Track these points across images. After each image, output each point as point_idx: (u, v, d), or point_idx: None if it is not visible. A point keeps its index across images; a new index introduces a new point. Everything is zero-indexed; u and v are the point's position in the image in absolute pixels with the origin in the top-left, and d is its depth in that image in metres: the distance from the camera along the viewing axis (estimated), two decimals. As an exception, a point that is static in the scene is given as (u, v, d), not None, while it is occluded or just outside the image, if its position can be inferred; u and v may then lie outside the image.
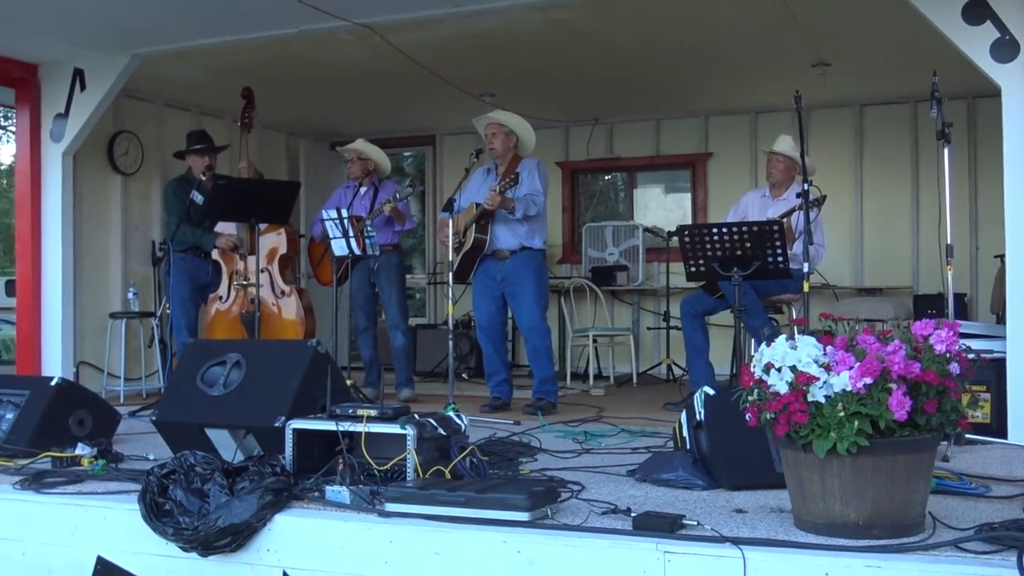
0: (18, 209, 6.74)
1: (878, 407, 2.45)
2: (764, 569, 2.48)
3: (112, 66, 6.37)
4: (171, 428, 3.86)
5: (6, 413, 4.32)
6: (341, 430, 3.30)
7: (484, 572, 2.75)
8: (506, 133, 5.81)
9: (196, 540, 3.02)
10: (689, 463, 3.36)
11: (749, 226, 4.71)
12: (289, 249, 6.52)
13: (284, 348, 4.02)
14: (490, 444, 4.11)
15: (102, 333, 6.98)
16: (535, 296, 5.70)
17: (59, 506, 3.39)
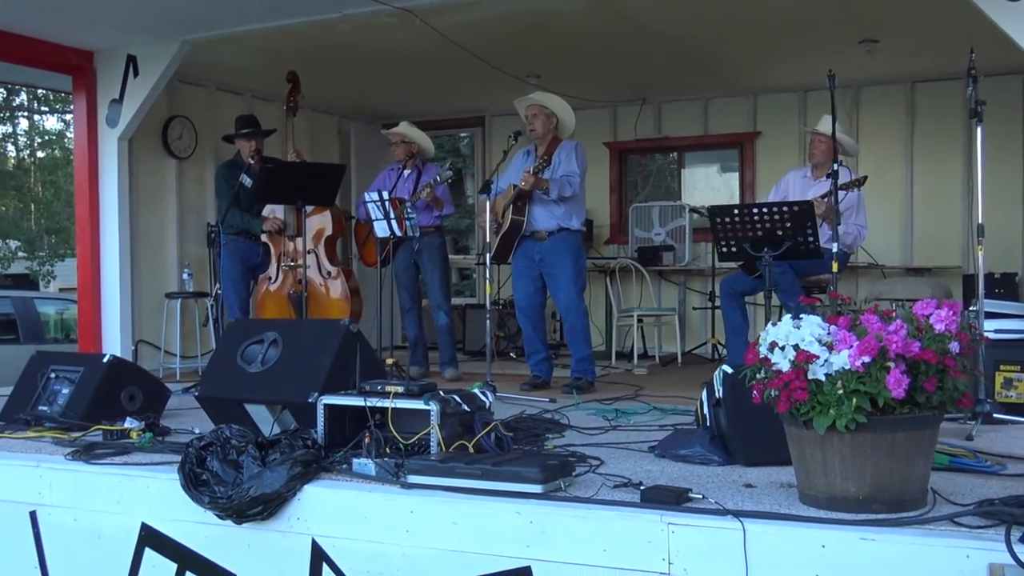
0: (77, 193, 7.02)
1: (876, 385, 2.50)
2: (763, 541, 2.56)
3: (163, 52, 6.58)
4: (213, 403, 4.04)
5: (62, 388, 4.56)
6: (369, 405, 3.44)
7: (498, 541, 2.87)
8: (547, 115, 5.88)
9: (230, 508, 3.18)
10: (706, 440, 3.43)
11: (779, 207, 4.73)
12: (335, 231, 6.68)
13: (318, 327, 4.17)
14: (518, 421, 4.21)
15: (159, 313, 7.24)
16: (573, 276, 5.78)
17: (107, 476, 3.58)
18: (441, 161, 9.37)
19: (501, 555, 2.87)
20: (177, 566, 3.39)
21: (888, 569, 2.42)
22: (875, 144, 8.14)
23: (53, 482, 3.65)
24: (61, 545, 3.63)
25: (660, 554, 2.66)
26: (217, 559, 3.32)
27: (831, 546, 2.49)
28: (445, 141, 14.28)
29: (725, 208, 4.95)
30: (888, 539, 2.45)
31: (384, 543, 3.05)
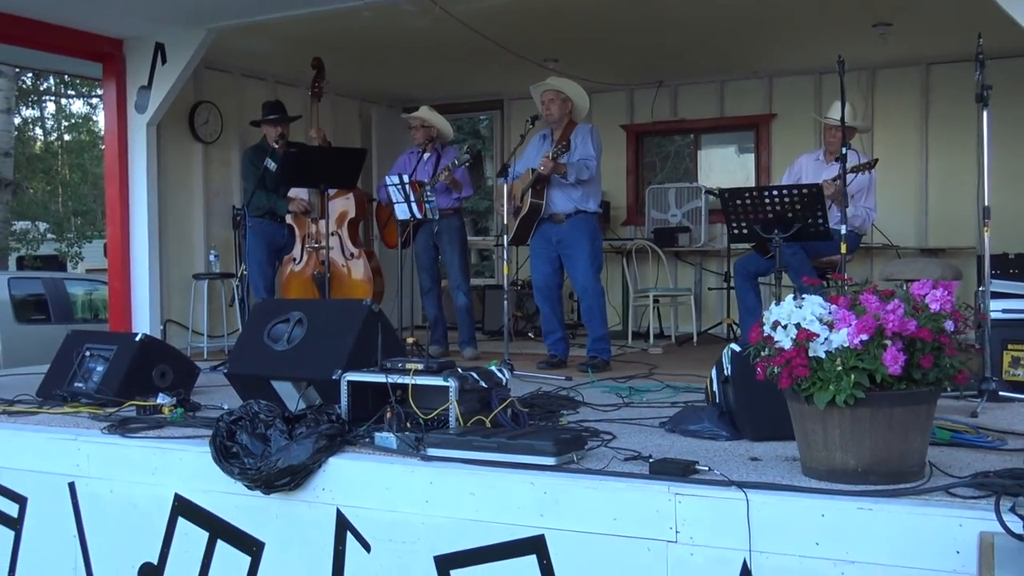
0: (107, 177, 7.20)
1: (874, 362, 2.62)
2: (765, 510, 2.69)
3: (189, 40, 6.73)
4: (241, 380, 4.21)
5: (97, 366, 4.74)
6: (390, 382, 3.59)
7: (513, 510, 3.01)
8: (562, 100, 6.00)
9: (259, 479, 3.34)
10: (715, 415, 3.56)
11: (789, 190, 4.83)
12: (358, 213, 6.84)
13: (342, 307, 4.32)
14: (534, 397, 4.35)
15: (186, 293, 7.42)
16: (589, 258, 5.90)
17: (141, 449, 3.75)
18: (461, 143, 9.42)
19: (516, 524, 3.01)
20: (208, 534, 3.56)
21: (884, 537, 2.55)
22: (890, 126, 8.20)
23: (90, 455, 3.83)
24: (98, 515, 3.80)
25: (668, 523, 2.80)
26: (246, 528, 3.48)
27: (830, 515, 2.62)
28: (465, 123, 14.37)
29: (737, 191, 5.06)
30: (885, 509, 2.57)
31: (405, 512, 3.20)
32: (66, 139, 24.71)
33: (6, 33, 6.54)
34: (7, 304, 9.80)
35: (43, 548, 3.93)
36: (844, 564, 2.59)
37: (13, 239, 18.90)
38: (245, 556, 3.48)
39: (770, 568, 2.68)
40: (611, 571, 2.88)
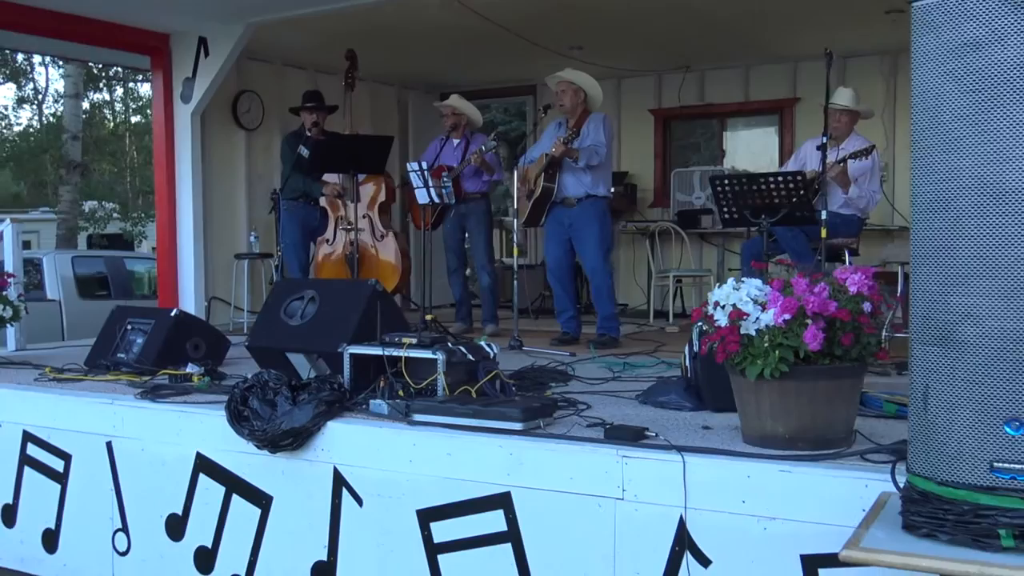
0: (155, 163, 7.68)
1: (796, 339, 2.91)
2: (699, 471, 3.00)
3: (229, 34, 7.15)
4: (260, 352, 4.62)
5: (137, 339, 5.19)
6: (386, 354, 3.95)
7: (484, 469, 3.36)
8: (574, 90, 6.29)
9: (266, 440, 3.74)
10: (682, 388, 3.86)
11: (775, 176, 5.07)
12: (387, 197, 7.22)
13: (349, 286, 4.69)
14: (528, 371, 4.68)
15: (229, 272, 7.89)
16: (598, 241, 6.20)
17: (168, 412, 4.18)
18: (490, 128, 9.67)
19: (487, 482, 3.35)
20: (225, 489, 3.97)
21: (800, 495, 2.84)
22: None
23: (125, 417, 4.27)
24: (131, 471, 4.24)
25: (616, 482, 3.12)
26: (257, 483, 3.88)
27: (755, 476, 2.92)
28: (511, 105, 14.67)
29: (725, 177, 5.31)
30: (802, 471, 2.87)
31: (392, 471, 3.56)
32: (133, 121, 25.56)
33: (65, 30, 7.05)
34: (71, 281, 10.42)
35: (85, 500, 4.38)
36: (766, 520, 2.89)
37: (82, 219, 19.72)
38: (256, 508, 3.88)
39: (703, 523, 2.99)
40: (567, 525, 3.21)
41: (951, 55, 2.19)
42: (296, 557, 3.78)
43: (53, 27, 6.95)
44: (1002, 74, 2.12)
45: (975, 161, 2.16)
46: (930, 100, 2.24)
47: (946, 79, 2.20)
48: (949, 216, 2.21)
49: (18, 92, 28.92)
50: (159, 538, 4.14)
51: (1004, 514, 2.17)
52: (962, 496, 2.22)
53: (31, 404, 4.57)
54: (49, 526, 4.49)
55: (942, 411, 2.25)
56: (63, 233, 17.45)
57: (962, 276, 2.20)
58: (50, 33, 7.11)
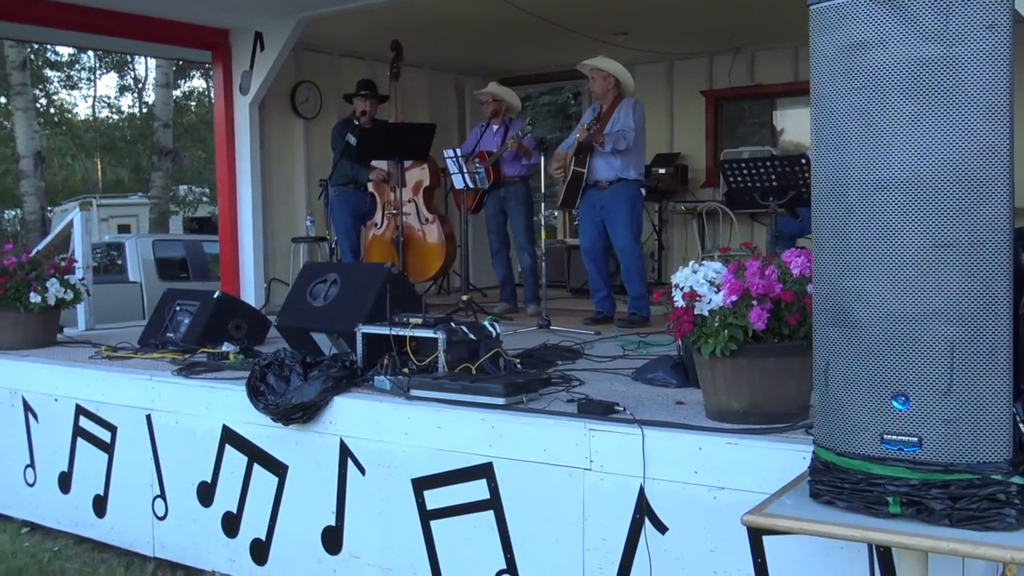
0: (217, 152, 8.10)
1: (743, 319, 3.07)
2: (657, 444, 3.19)
3: (283, 28, 7.50)
4: (288, 331, 4.94)
5: (184, 319, 5.57)
6: (393, 334, 4.22)
7: (469, 440, 3.60)
8: (603, 77, 6.44)
9: (278, 413, 4.05)
10: (669, 366, 4.03)
11: (780, 160, 5.15)
12: (432, 182, 7.49)
13: (368, 270, 4.98)
14: (538, 349, 4.90)
15: (287, 255, 8.29)
16: (628, 223, 6.36)
17: (199, 388, 4.53)
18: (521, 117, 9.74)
19: (471, 452, 3.60)
20: (247, 459, 4.30)
21: (745, 466, 3.01)
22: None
23: (162, 392, 4.64)
24: (168, 442, 4.62)
25: (584, 453, 3.33)
26: (275, 453, 4.20)
27: (705, 448, 3.10)
28: (570, 86, 14.79)
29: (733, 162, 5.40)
30: (748, 443, 3.03)
31: (390, 442, 3.83)
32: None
33: (135, 30, 7.50)
34: (151, 264, 11.01)
35: (129, 468, 4.78)
36: (716, 490, 3.06)
37: (173, 203, 20.60)
38: (274, 477, 4.21)
39: (660, 492, 3.18)
40: (541, 493, 3.43)
41: (841, 55, 2.34)
42: (308, 522, 4.09)
43: (122, 28, 7.41)
44: (884, 74, 2.26)
45: (862, 154, 2.30)
46: (824, 97, 2.39)
47: (837, 77, 2.35)
48: (842, 205, 2.36)
49: (120, 81, 30.25)
50: (192, 504, 4.50)
51: (892, 483, 2.32)
52: (857, 466, 2.37)
53: (83, 380, 4.99)
54: (99, 492, 4.90)
55: (840, 387, 2.40)
56: (155, 217, 18.28)
57: (854, 261, 2.35)
58: (120, 33, 7.58)
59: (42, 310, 5.69)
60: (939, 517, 2.26)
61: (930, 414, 2.27)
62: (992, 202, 2.20)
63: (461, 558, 3.64)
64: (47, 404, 5.16)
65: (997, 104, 2.19)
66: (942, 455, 2.26)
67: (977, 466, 2.24)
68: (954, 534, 2.22)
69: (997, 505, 2.23)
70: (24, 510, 5.38)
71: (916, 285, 2.26)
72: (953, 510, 2.25)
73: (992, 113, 2.19)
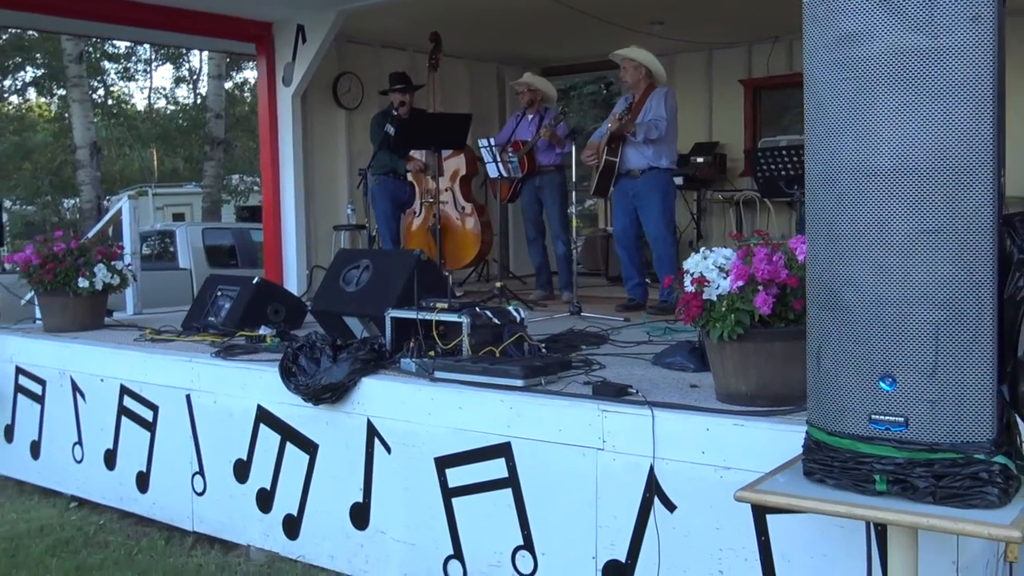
0: (261, 143, 8.31)
1: (749, 304, 3.15)
2: (666, 425, 3.28)
3: (324, 21, 7.67)
4: (322, 316, 5.11)
5: (225, 304, 5.78)
6: (419, 318, 4.36)
7: (489, 421, 3.73)
8: (634, 67, 6.52)
9: (308, 393, 4.21)
10: (687, 351, 4.12)
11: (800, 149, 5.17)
12: (469, 171, 7.62)
13: (398, 256, 5.12)
14: (564, 334, 5.01)
15: (329, 242, 8.48)
16: (660, 211, 6.43)
17: (235, 369, 4.72)
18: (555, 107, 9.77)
19: (490, 432, 3.73)
20: (280, 437, 4.47)
21: (750, 447, 3.09)
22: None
23: (200, 373, 4.83)
24: (206, 420, 4.81)
25: (597, 433, 3.44)
26: (306, 432, 4.37)
27: (712, 429, 3.19)
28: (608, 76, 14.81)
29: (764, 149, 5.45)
30: (752, 424, 3.12)
31: (414, 422, 3.98)
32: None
33: (182, 25, 7.73)
34: (201, 251, 11.29)
35: (170, 446, 4.99)
36: (722, 469, 3.15)
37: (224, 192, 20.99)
38: (305, 455, 4.38)
39: (669, 472, 3.28)
40: (557, 471, 3.55)
41: (832, 46, 2.41)
42: (338, 498, 4.25)
43: (170, 22, 7.63)
44: (873, 65, 2.33)
45: (852, 143, 2.37)
46: (816, 87, 2.46)
47: (828, 68, 2.42)
48: (833, 193, 2.43)
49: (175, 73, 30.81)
50: (228, 480, 4.69)
51: (879, 461, 2.39)
52: (846, 445, 2.45)
53: (127, 361, 5.21)
54: (141, 469, 5.12)
55: (831, 368, 2.48)
56: (208, 206, 18.66)
57: (844, 247, 2.42)
58: (168, 28, 7.81)
59: (90, 294, 5.93)
60: (923, 495, 2.33)
61: (916, 395, 2.33)
62: (976, 190, 2.26)
63: (481, 534, 3.78)
64: (93, 384, 5.39)
65: (981, 94, 2.24)
66: (927, 435, 2.33)
67: (960, 446, 2.31)
68: (936, 511, 2.30)
69: (980, 484, 2.30)
70: (72, 486, 5.62)
71: (902, 270, 2.32)
72: (937, 488, 2.32)
73: (976, 103, 2.25)
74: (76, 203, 21.33)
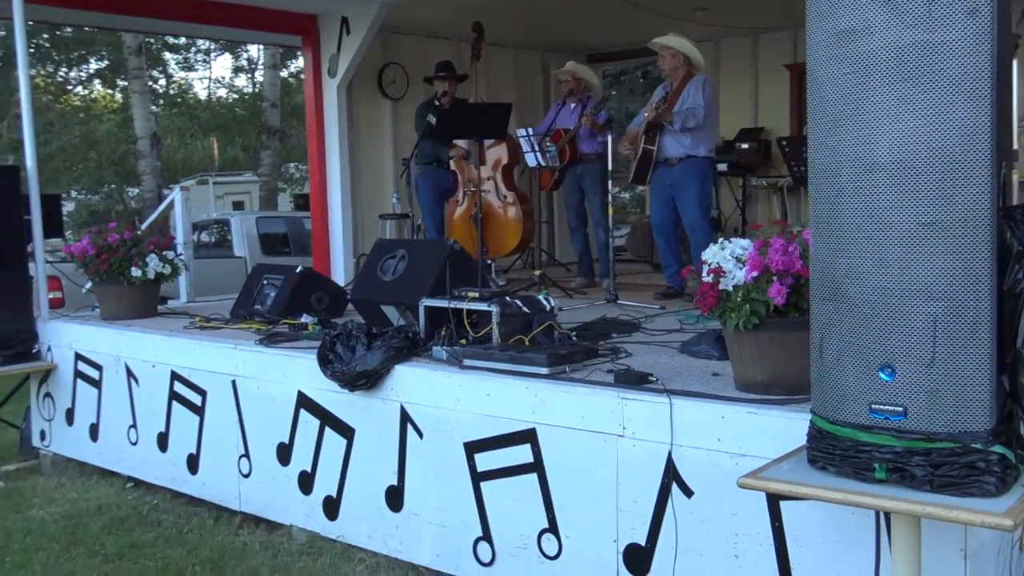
0: (308, 133, 8.48)
1: (763, 294, 3.20)
2: (684, 412, 3.35)
3: (367, 13, 7.81)
4: (361, 304, 5.25)
5: (270, 292, 5.95)
6: (451, 307, 4.47)
7: (515, 408, 3.83)
8: (672, 54, 6.54)
9: (344, 380, 4.35)
10: (712, 339, 4.17)
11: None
12: (510, 159, 7.71)
13: (433, 246, 5.23)
14: (596, 322, 5.08)
15: (375, 231, 8.64)
16: (698, 199, 6.46)
17: (277, 356, 4.88)
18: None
19: (516, 419, 3.83)
20: (320, 422, 4.63)
21: (764, 435, 3.15)
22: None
23: (245, 359, 5.01)
24: (250, 405, 4.98)
25: (617, 420, 3.52)
26: (343, 417, 4.52)
27: (728, 417, 3.26)
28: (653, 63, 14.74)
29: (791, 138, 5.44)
30: (765, 413, 3.18)
31: (444, 408, 4.09)
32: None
33: (233, 19, 7.92)
34: (255, 239, 11.55)
35: (217, 429, 5.18)
36: (737, 456, 3.22)
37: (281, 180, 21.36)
38: (343, 439, 4.52)
39: (686, 458, 3.35)
40: (579, 457, 3.64)
41: (833, 41, 2.46)
42: (373, 481, 4.39)
43: (221, 16, 7.83)
44: (872, 59, 2.37)
45: (853, 137, 2.42)
46: (819, 81, 2.51)
47: (830, 63, 2.47)
48: (835, 187, 2.48)
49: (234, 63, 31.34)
50: (272, 463, 4.87)
51: (878, 450, 2.45)
52: (847, 433, 2.51)
53: (177, 348, 5.41)
54: (192, 451, 5.32)
55: (833, 358, 2.54)
56: (264, 195, 19.02)
57: (845, 240, 2.47)
58: (219, 22, 8.01)
59: (142, 283, 6.14)
60: (921, 483, 2.39)
61: (914, 385, 2.38)
62: (973, 183, 2.30)
63: (508, 517, 3.88)
64: (146, 370, 5.61)
65: (979, 88, 2.28)
66: (925, 424, 2.38)
67: (958, 435, 2.36)
68: (933, 499, 2.35)
69: (977, 473, 2.35)
70: (128, 467, 5.86)
71: (901, 262, 2.37)
72: (934, 476, 2.37)
73: (974, 96, 2.28)
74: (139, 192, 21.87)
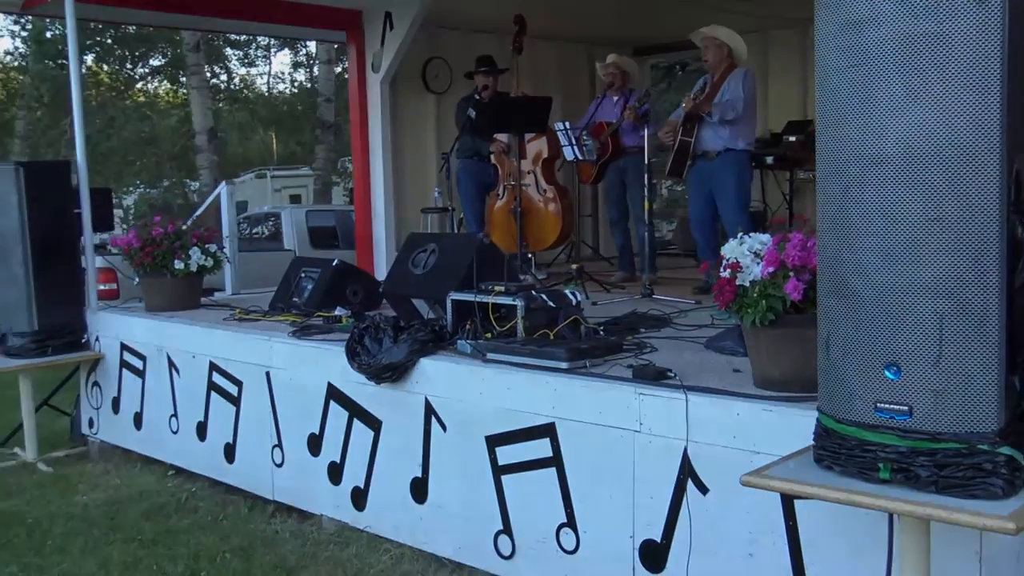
0: (351, 128, 8.56)
1: (780, 290, 3.16)
2: (700, 409, 3.33)
3: (410, 8, 7.85)
4: (393, 297, 5.29)
5: (307, 285, 6.02)
6: (477, 300, 4.48)
7: (535, 403, 3.83)
8: (717, 45, 6.46)
9: (370, 372, 4.39)
10: (737, 335, 4.10)
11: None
12: (551, 153, 7.69)
13: (463, 240, 5.25)
14: (626, 317, 5.06)
15: (418, 224, 8.68)
16: (736, 193, 6.38)
17: (309, 347, 4.94)
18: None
19: (537, 413, 3.83)
20: (348, 414, 4.67)
21: (778, 432, 3.10)
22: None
23: (278, 351, 5.07)
24: (283, 395, 5.05)
25: (634, 415, 3.51)
26: (371, 409, 4.56)
27: (743, 414, 3.22)
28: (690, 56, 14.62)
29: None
30: (780, 410, 3.14)
31: (467, 402, 4.11)
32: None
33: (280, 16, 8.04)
34: (304, 232, 11.72)
35: (252, 419, 5.26)
36: (751, 454, 3.18)
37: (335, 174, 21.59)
38: (370, 431, 4.57)
39: (702, 455, 3.33)
40: (597, 452, 3.63)
41: (840, 32, 2.41)
42: (399, 473, 4.43)
43: (265, 12, 7.94)
44: (879, 51, 2.32)
45: (860, 131, 2.38)
46: (827, 74, 2.47)
47: (837, 54, 2.42)
48: (842, 181, 2.44)
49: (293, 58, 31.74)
50: (303, 453, 4.93)
51: (883, 449, 2.40)
52: (852, 432, 2.47)
53: (216, 340, 5.50)
54: (228, 441, 5.41)
55: (839, 356, 2.50)
56: (319, 188, 19.24)
57: (852, 235, 2.43)
58: (263, 18, 8.12)
59: (185, 276, 6.26)
60: (925, 484, 2.34)
61: (920, 384, 2.33)
62: (982, 177, 2.24)
63: (528, 510, 3.89)
64: (186, 360, 5.72)
65: (987, 79, 2.22)
66: (930, 424, 2.33)
67: (964, 436, 2.30)
68: (937, 500, 2.30)
69: (983, 474, 2.29)
70: (170, 455, 5.98)
71: (908, 258, 2.32)
72: (939, 477, 2.32)
73: (983, 88, 2.22)
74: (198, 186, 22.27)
